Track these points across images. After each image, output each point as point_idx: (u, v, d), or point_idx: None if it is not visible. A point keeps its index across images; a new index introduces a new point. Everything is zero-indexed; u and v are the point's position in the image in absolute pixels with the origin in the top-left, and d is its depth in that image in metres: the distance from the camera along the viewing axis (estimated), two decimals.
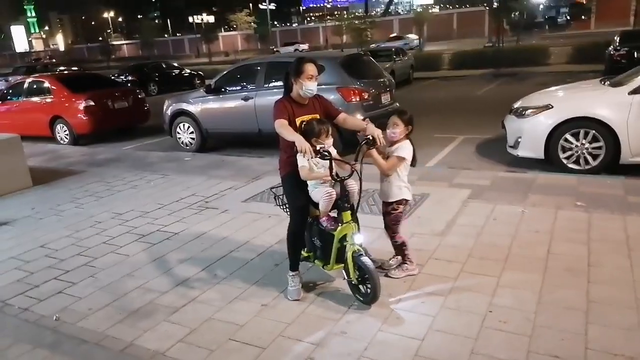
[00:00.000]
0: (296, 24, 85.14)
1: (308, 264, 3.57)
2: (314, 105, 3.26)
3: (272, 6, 72.58)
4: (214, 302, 3.35)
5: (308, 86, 3.10)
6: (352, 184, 3.19)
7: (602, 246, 3.73)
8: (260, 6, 48.32)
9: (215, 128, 8.42)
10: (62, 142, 10.45)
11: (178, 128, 8.83)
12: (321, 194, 3.13)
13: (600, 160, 5.62)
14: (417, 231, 4.25)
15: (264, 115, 7.26)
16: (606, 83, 6.16)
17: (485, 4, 27.86)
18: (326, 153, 2.96)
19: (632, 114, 5.37)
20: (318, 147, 2.96)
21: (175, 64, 24.66)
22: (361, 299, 3.17)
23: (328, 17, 65.33)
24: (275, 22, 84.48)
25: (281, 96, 3.26)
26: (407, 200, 3.42)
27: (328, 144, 3.08)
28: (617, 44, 13.65)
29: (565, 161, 5.82)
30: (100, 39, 75.11)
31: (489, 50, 23.65)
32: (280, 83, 4.15)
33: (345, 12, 53.48)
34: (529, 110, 6.06)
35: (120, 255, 4.28)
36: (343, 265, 3.19)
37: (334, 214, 3.25)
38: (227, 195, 5.72)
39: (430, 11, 46.60)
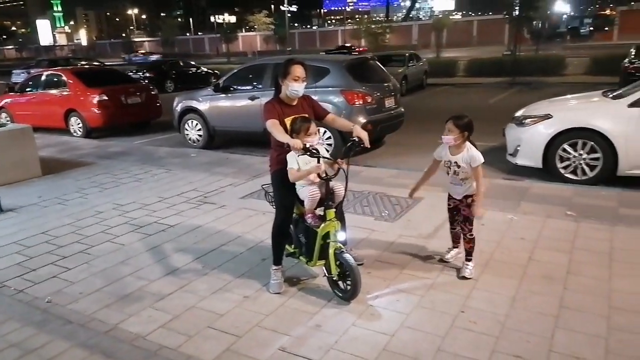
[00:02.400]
0: (316, 27, 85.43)
1: (294, 260, 3.68)
2: (303, 106, 3.37)
3: (294, 8, 72.96)
4: (199, 292, 3.47)
5: (294, 87, 3.21)
6: (338, 184, 3.29)
7: (584, 256, 3.77)
8: (282, 7, 48.49)
9: (222, 126, 8.59)
10: (75, 134, 10.72)
11: (186, 125, 9.03)
12: (307, 192, 3.25)
13: (598, 172, 5.63)
14: (405, 233, 4.34)
15: None
16: (609, 95, 6.15)
17: (505, 13, 27.53)
18: (315, 151, 3.07)
19: (631, 126, 5.38)
20: (307, 145, 3.07)
21: (193, 62, 24.98)
22: (340, 294, 3.26)
23: (348, 20, 65.37)
24: (296, 24, 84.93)
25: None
26: None
27: (311, 141, 3.19)
28: (632, 56, 13.51)
29: (562, 171, 5.84)
30: (123, 35, 76.38)
31: (506, 58, 23.42)
32: None
33: (366, 16, 53.43)
34: (529, 119, 6.09)
35: (116, 244, 4.44)
36: (325, 262, 3.29)
37: (320, 211, 3.36)
38: (226, 192, 5.86)
39: (450, 18, 46.41)
